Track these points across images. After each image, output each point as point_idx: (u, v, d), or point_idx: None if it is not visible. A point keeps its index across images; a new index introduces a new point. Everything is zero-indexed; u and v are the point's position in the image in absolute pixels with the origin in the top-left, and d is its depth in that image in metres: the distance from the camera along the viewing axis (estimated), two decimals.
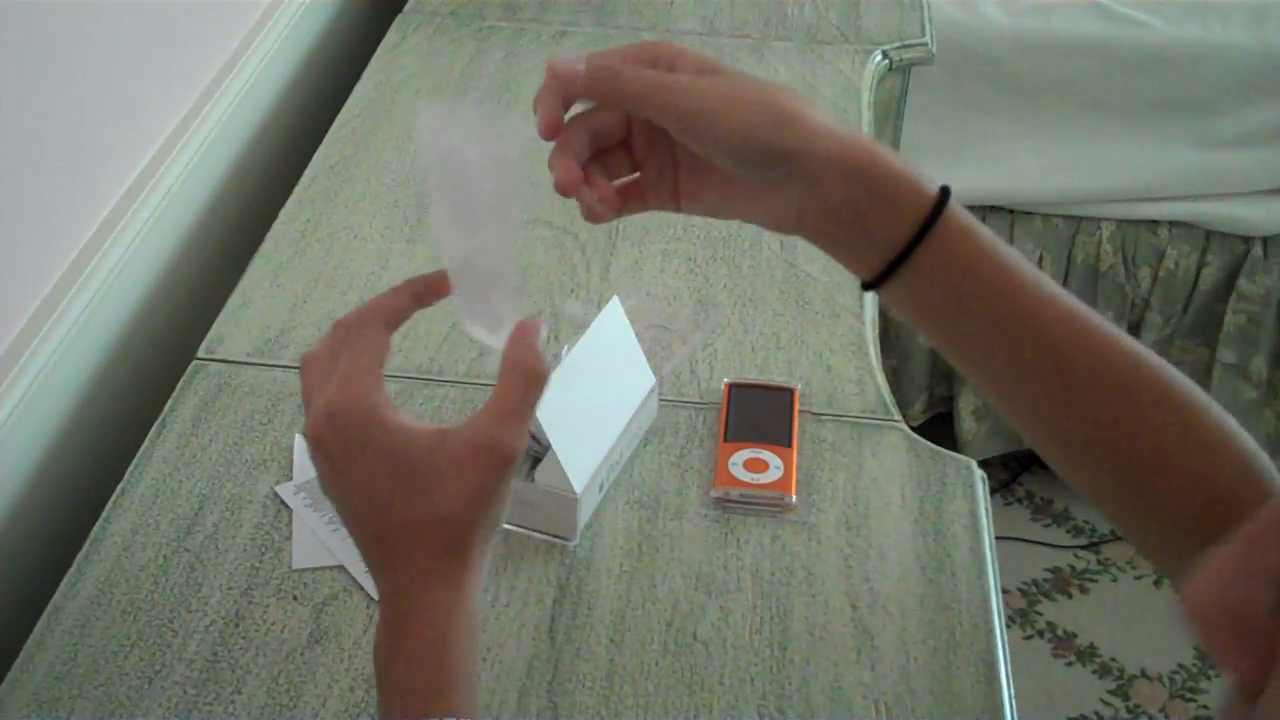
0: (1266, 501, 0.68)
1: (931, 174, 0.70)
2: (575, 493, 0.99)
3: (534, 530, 1.02)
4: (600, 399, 1.05)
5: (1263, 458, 0.71)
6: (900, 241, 0.70)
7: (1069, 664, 2.20)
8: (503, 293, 0.70)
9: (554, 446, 0.97)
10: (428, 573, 0.68)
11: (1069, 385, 0.71)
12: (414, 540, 0.68)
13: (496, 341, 0.70)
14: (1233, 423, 0.71)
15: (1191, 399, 0.71)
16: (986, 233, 0.71)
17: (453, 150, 0.68)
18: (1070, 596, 2.29)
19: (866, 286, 0.72)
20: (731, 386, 1.14)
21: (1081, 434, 0.73)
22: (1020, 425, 0.76)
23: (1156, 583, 2.38)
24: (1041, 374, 0.72)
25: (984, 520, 1.04)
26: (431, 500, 0.67)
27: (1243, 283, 2.28)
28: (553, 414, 0.96)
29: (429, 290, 0.73)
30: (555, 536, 1.02)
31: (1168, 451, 0.70)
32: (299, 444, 1.10)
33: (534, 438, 1.01)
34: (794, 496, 1.05)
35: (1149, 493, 0.72)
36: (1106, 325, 0.72)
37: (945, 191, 0.70)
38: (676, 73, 0.70)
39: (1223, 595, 0.44)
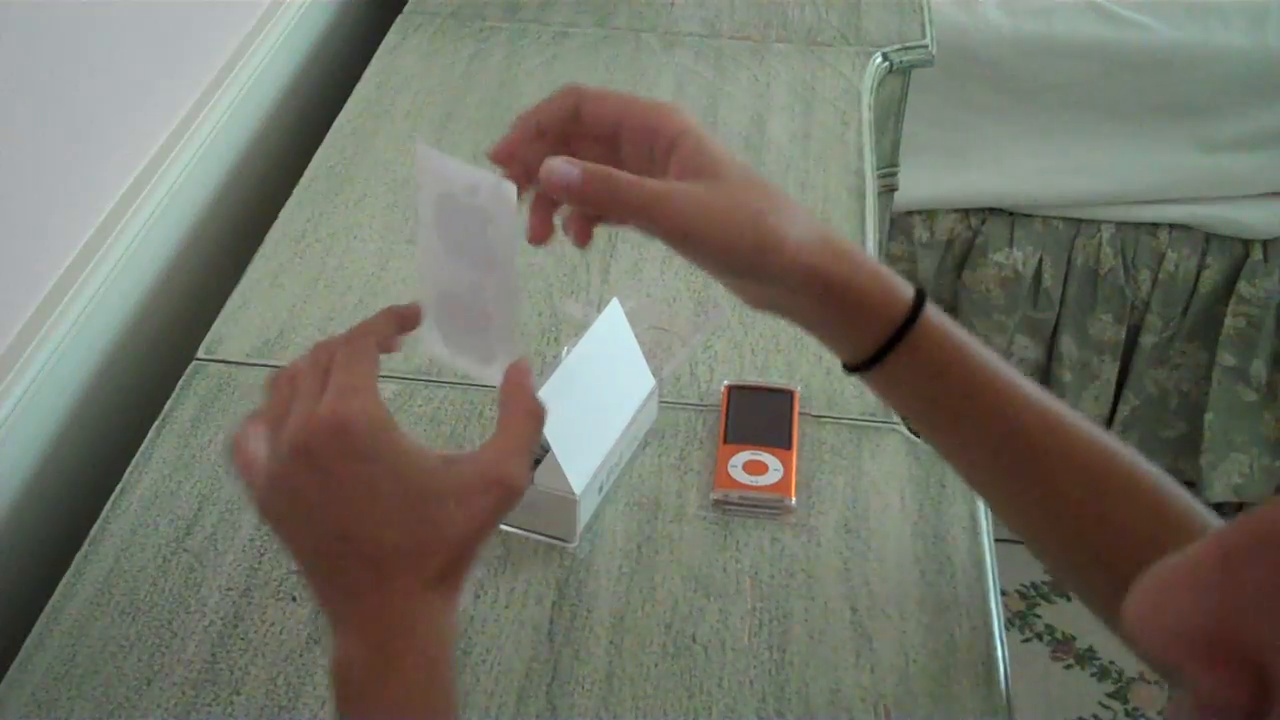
0: None
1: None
2: (575, 494, 0.99)
3: (533, 532, 1.02)
4: (600, 400, 1.04)
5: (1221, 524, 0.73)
6: (868, 350, 0.74)
7: (1068, 667, 2.20)
8: (499, 332, 0.72)
9: (554, 448, 0.97)
10: (424, 595, 0.67)
11: (1041, 481, 0.75)
12: (412, 562, 0.67)
13: (488, 375, 0.72)
14: (1199, 506, 0.74)
15: (1160, 488, 0.74)
16: (960, 336, 0.75)
17: (449, 197, 0.69)
18: (1069, 599, 2.30)
19: (845, 368, 0.77)
20: (731, 389, 1.13)
21: (1056, 527, 0.76)
22: (996, 512, 0.81)
23: None
24: (1015, 471, 0.76)
25: (983, 523, 1.04)
26: (437, 525, 0.67)
27: (1242, 285, 2.28)
28: (553, 415, 0.95)
29: (405, 320, 0.75)
30: (554, 538, 1.02)
31: (1138, 542, 0.73)
32: None
33: None
34: (793, 499, 1.04)
35: (1124, 581, 0.72)
36: (1079, 421, 0.75)
37: (919, 299, 0.73)
38: (668, 180, 0.70)
39: (1198, 609, 0.39)
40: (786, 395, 1.12)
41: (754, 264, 0.70)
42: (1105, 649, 2.22)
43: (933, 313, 0.74)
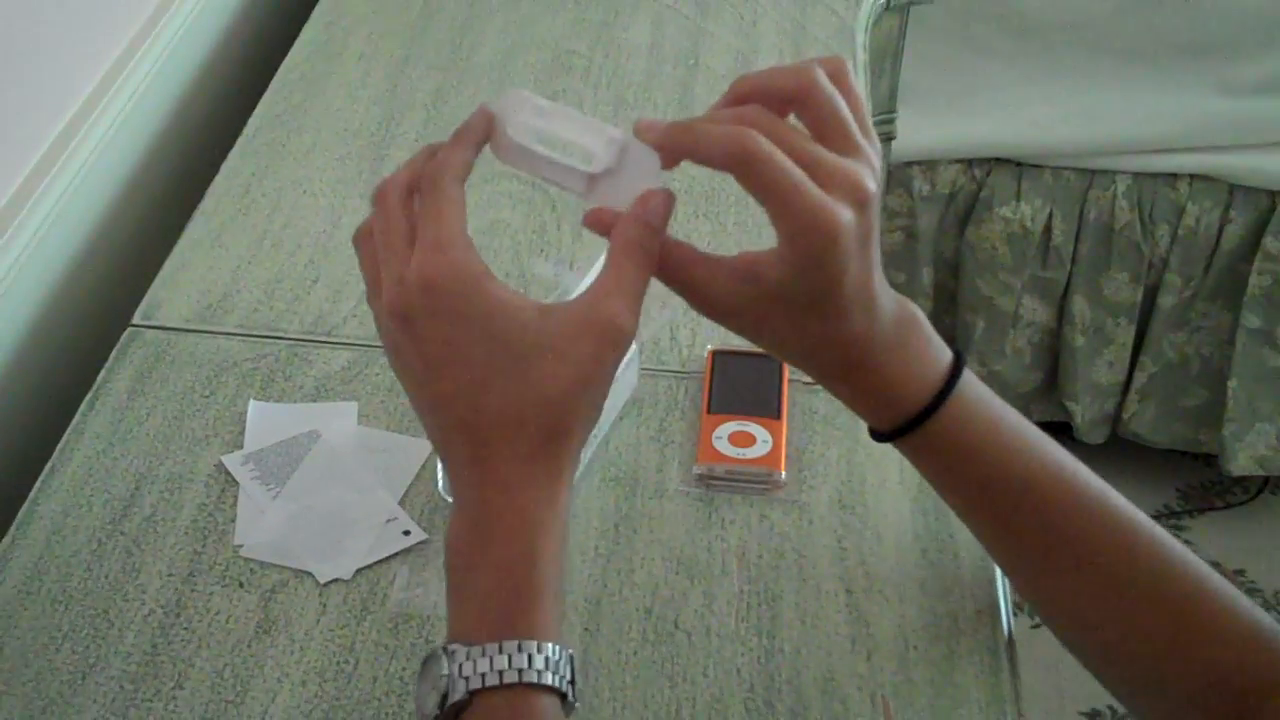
0: (1277, 674, 0.75)
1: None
2: None
3: None
4: None
5: (1270, 627, 0.76)
6: (887, 426, 0.79)
7: None
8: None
9: None
10: (525, 466, 0.68)
11: (1063, 584, 0.80)
12: (511, 427, 0.68)
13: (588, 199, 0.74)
14: (1237, 598, 0.77)
15: (1188, 582, 0.77)
16: (992, 415, 0.79)
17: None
18: None
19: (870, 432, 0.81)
20: (715, 354, 1.13)
21: (1079, 630, 0.81)
22: (1022, 596, 0.86)
23: None
24: (1035, 569, 0.81)
25: None
26: (533, 382, 0.68)
27: (1269, 241, 2.28)
28: None
29: (478, 132, 0.73)
30: None
31: (1166, 646, 0.77)
32: (252, 410, 1.09)
33: None
34: (783, 473, 1.04)
35: (1155, 685, 0.79)
36: (1104, 508, 0.78)
37: (948, 383, 0.77)
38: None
39: None
40: (775, 361, 1.11)
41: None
42: None
43: (961, 395, 0.77)
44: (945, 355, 0.78)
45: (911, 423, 0.77)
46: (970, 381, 0.78)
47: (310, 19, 1.61)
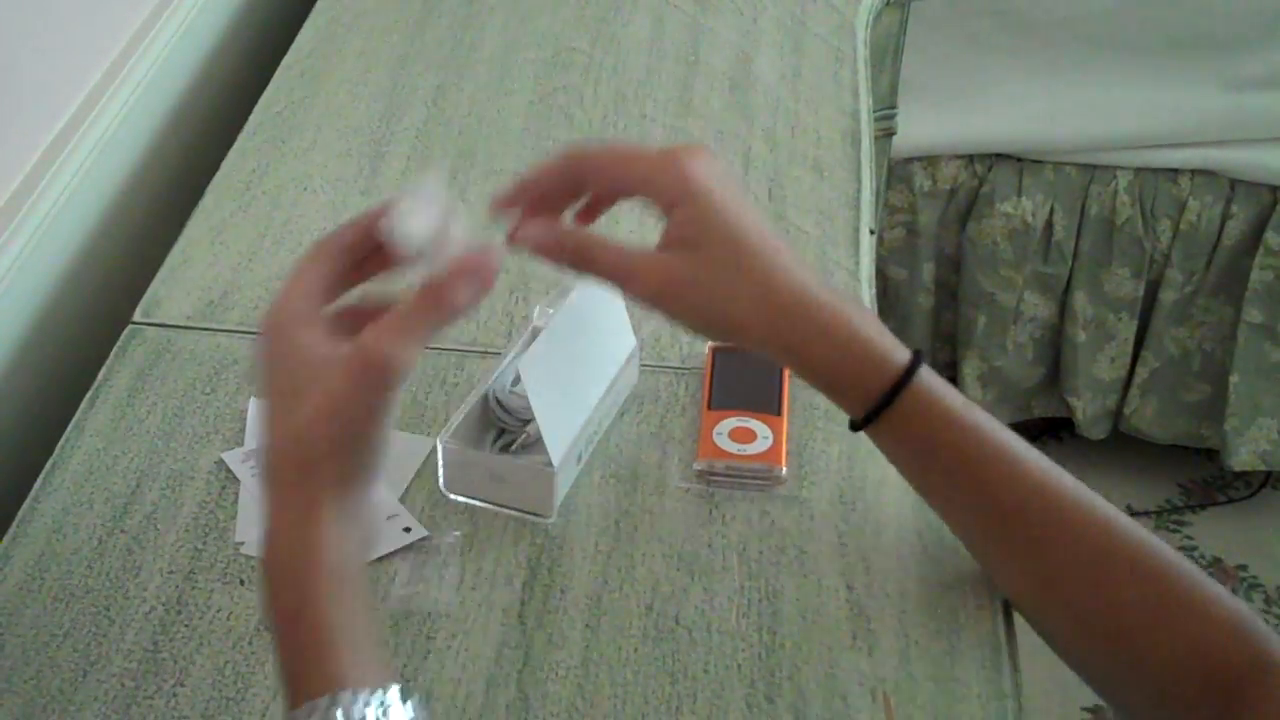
0: (1262, 659, 0.76)
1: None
2: (554, 465, 0.99)
3: (505, 506, 1.02)
4: (581, 362, 1.03)
5: (1251, 615, 0.78)
6: (855, 415, 0.82)
7: None
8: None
9: (535, 413, 0.97)
10: (282, 506, 0.70)
11: (1042, 560, 0.83)
12: (275, 462, 0.70)
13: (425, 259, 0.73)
14: (1215, 585, 0.79)
15: (1167, 563, 0.79)
16: (954, 408, 0.81)
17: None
18: None
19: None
20: (716, 350, 1.13)
21: (1059, 606, 0.83)
22: (994, 581, 0.90)
23: None
24: (1009, 547, 0.84)
25: None
26: (294, 414, 0.69)
27: (1270, 236, 2.29)
28: (534, 380, 0.96)
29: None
30: (530, 514, 1.01)
31: (1149, 621, 0.79)
32: (253, 408, 1.10)
33: (505, 409, 1.02)
34: (784, 469, 1.04)
35: (1134, 662, 0.80)
36: (1078, 493, 0.82)
37: (911, 366, 0.80)
38: (660, 244, 0.79)
39: None
40: None
41: (724, 339, 0.81)
42: None
43: (925, 382, 0.80)
44: (902, 357, 0.82)
45: (892, 391, 0.80)
46: (928, 370, 0.82)
47: (311, 15, 1.62)
